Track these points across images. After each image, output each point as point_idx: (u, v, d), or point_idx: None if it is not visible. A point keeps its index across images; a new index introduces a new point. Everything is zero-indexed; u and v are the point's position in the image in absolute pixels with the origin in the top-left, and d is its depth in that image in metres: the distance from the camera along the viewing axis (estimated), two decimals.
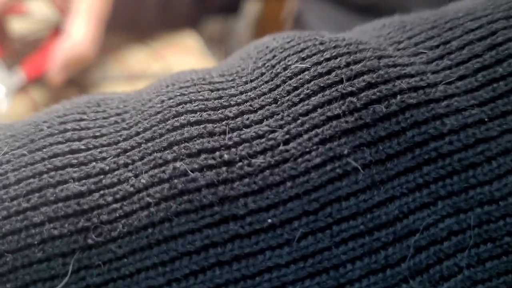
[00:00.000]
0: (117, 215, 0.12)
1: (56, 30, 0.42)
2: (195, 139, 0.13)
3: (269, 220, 0.12)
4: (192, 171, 0.12)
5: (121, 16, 0.42)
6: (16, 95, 0.39)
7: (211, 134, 0.13)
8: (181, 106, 0.14)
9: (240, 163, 0.12)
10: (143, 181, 0.12)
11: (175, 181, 0.12)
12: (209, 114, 0.13)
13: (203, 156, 0.12)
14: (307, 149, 0.12)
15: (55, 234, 0.12)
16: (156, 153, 0.13)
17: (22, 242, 0.12)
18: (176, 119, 0.13)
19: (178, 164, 0.12)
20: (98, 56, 0.42)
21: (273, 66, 0.14)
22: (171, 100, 0.14)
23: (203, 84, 0.15)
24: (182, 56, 0.47)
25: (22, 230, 0.12)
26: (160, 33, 0.48)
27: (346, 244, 0.12)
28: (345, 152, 0.12)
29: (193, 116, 0.13)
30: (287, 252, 0.12)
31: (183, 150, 0.13)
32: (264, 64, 0.15)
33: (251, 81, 0.14)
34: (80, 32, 0.37)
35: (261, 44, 0.16)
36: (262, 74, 0.14)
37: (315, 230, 0.12)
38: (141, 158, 0.13)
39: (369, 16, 0.34)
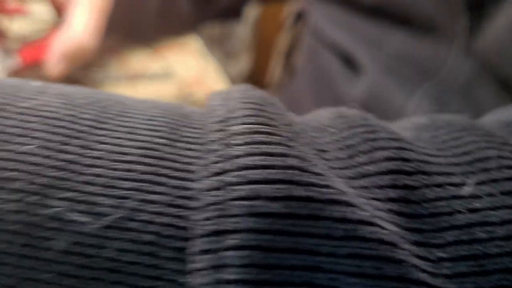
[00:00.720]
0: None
1: (55, 29, 0.42)
2: None
3: None
4: None
5: (121, 21, 0.42)
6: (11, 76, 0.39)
7: None
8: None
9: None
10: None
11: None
12: None
13: None
14: None
15: None
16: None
17: None
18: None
19: None
20: (99, 56, 0.42)
21: None
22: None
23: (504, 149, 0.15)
24: (182, 56, 0.47)
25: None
26: (160, 38, 0.48)
27: None
28: None
29: None
30: None
31: None
32: None
33: None
34: (81, 23, 0.35)
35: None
36: None
37: None
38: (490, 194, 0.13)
39: (376, 18, 0.34)
